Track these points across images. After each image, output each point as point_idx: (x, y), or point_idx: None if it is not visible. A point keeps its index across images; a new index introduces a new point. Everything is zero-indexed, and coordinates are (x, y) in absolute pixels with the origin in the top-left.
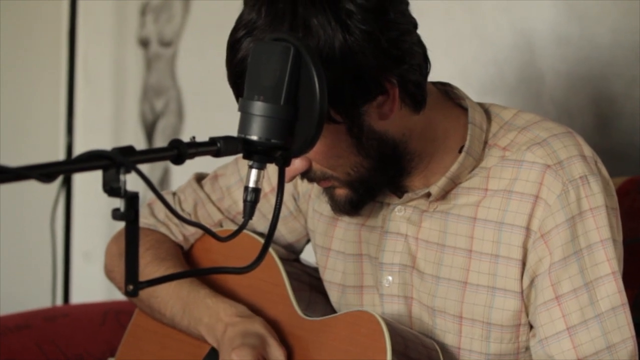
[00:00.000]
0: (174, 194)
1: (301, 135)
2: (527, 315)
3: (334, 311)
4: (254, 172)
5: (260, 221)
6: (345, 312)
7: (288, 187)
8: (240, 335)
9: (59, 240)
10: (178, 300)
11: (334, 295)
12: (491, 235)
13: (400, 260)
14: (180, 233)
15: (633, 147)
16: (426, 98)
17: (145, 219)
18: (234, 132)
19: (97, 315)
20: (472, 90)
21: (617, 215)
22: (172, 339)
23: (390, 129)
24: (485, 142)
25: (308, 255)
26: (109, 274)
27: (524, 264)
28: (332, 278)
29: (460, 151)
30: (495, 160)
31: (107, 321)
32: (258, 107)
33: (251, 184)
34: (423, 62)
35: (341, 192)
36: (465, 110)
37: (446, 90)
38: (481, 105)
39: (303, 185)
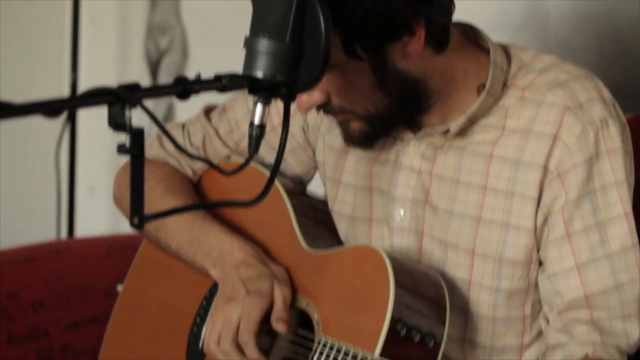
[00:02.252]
0: (183, 125)
1: (306, 72)
2: (539, 252)
3: (339, 244)
4: (259, 107)
5: (270, 154)
6: (350, 247)
7: (298, 119)
8: (255, 277)
9: (64, 175)
10: (187, 233)
11: (342, 227)
12: (507, 173)
13: (413, 195)
14: (189, 167)
15: (637, 86)
16: (449, 40)
17: (155, 151)
18: (238, 70)
19: (101, 248)
20: None
21: (631, 159)
22: (178, 269)
23: (412, 68)
24: (504, 83)
25: (315, 199)
26: (117, 202)
27: (538, 202)
28: (342, 210)
29: (478, 90)
30: (514, 100)
31: (112, 254)
32: (263, 44)
33: (256, 120)
34: (449, 4)
35: (356, 125)
36: (483, 50)
37: (465, 31)
38: (500, 45)
39: (312, 118)
